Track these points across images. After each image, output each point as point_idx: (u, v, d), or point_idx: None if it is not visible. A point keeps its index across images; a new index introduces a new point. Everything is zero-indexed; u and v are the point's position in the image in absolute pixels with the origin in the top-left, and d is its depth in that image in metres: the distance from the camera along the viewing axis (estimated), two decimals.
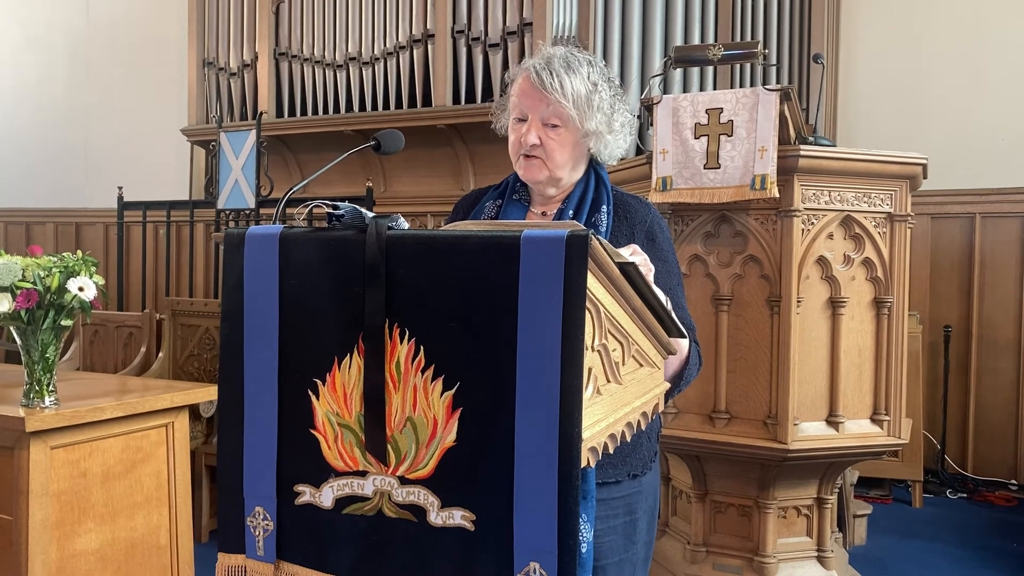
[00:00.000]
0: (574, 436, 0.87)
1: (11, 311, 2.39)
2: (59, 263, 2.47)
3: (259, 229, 1.03)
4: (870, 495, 4.64)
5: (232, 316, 1.05)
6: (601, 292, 0.94)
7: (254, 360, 1.02)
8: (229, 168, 4.72)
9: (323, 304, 0.98)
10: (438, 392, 0.93)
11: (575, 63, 1.45)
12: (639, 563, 1.52)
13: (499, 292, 0.90)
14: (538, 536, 0.87)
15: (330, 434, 0.99)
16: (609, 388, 1.01)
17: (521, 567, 0.88)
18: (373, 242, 0.95)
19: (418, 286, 0.94)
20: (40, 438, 2.46)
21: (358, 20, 5.27)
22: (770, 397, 2.81)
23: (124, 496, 2.76)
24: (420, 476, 0.94)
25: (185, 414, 2.97)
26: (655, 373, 1.18)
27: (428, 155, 5.13)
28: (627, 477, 1.49)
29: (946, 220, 5.18)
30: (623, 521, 1.48)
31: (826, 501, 3.06)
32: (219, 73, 5.83)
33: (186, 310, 4.29)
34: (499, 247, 0.90)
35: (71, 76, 7.20)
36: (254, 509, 1.03)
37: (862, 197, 2.82)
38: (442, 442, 0.93)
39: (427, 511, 0.94)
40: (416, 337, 0.94)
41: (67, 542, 2.58)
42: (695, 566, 3.08)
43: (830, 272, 2.81)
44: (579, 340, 0.87)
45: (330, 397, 0.98)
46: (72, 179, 7.24)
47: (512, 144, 1.47)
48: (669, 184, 2.75)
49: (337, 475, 0.98)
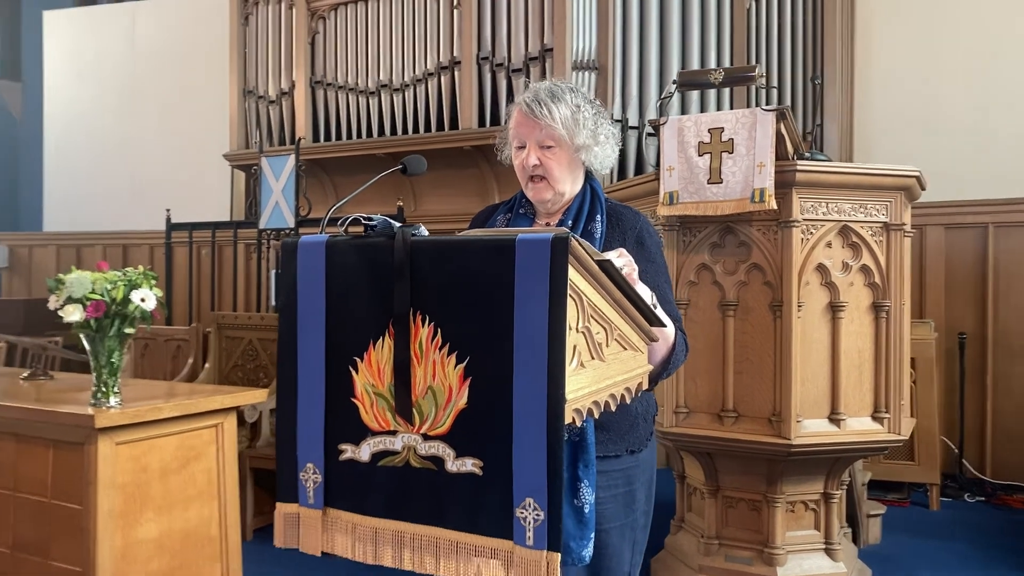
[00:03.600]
0: (559, 398, 1.10)
1: (82, 320, 2.67)
2: (123, 277, 2.75)
3: (309, 238, 1.27)
4: (888, 498, 4.76)
5: (288, 309, 1.29)
6: (583, 283, 1.17)
7: (306, 344, 1.26)
8: (270, 190, 5.02)
9: (360, 297, 1.22)
10: (452, 365, 1.16)
11: (558, 91, 1.69)
12: (639, 528, 1.74)
13: (499, 284, 1.13)
14: (532, 477, 1.10)
15: (367, 401, 1.22)
16: (593, 364, 1.23)
17: (519, 501, 1.11)
18: (400, 246, 1.19)
19: (436, 280, 1.17)
20: (107, 434, 2.73)
21: (389, 49, 5.57)
22: (774, 396, 2.99)
23: (179, 490, 3.02)
24: (439, 433, 1.17)
25: (233, 416, 3.23)
26: (638, 356, 1.40)
27: (455, 175, 5.39)
28: (626, 452, 1.71)
29: (960, 230, 5.31)
30: (623, 491, 1.70)
31: (832, 496, 3.22)
32: (259, 101, 6.16)
33: (230, 323, 4.58)
34: (499, 248, 1.13)
35: (119, 105, 7.60)
36: (305, 465, 1.26)
37: (858, 208, 3.01)
38: (456, 405, 1.16)
39: (445, 461, 1.16)
40: (435, 321, 1.17)
41: (130, 530, 2.84)
42: (708, 558, 3.26)
43: (829, 278, 3.00)
44: (562, 322, 1.10)
45: (367, 371, 1.22)
46: (119, 203, 7.62)
47: (518, 168, 1.72)
48: (676, 198, 2.97)
49: (373, 434, 1.22)
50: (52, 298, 2.70)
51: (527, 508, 1.10)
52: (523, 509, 1.10)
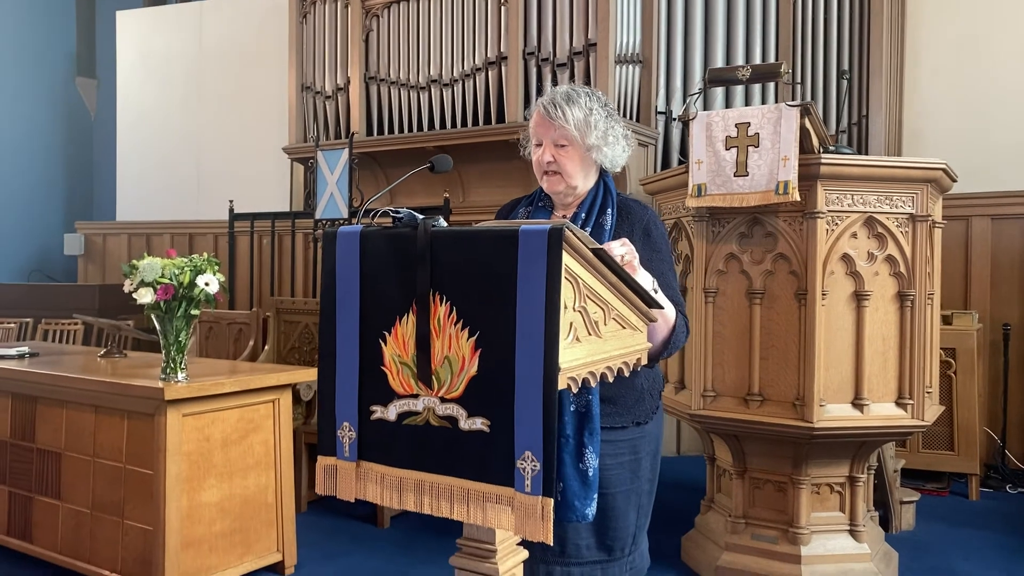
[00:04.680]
0: (554, 367, 1.27)
1: (153, 302, 2.94)
2: (189, 263, 3.01)
3: (346, 228, 1.47)
4: (927, 487, 4.80)
5: (327, 290, 1.49)
6: (578, 268, 1.34)
7: (343, 320, 1.46)
8: (325, 183, 5.28)
9: (388, 279, 1.41)
10: (465, 338, 1.34)
11: (574, 96, 1.86)
12: (644, 494, 1.91)
13: (505, 268, 1.30)
14: (530, 433, 1.28)
15: (394, 369, 1.41)
16: (589, 339, 1.40)
17: (520, 454, 1.29)
18: (422, 235, 1.38)
19: (452, 265, 1.36)
20: (175, 406, 3.00)
21: (438, 46, 5.77)
22: (799, 381, 3.11)
23: (239, 459, 3.28)
24: (454, 396, 1.36)
25: (289, 393, 3.48)
26: (636, 335, 1.57)
27: (502, 167, 5.57)
28: (632, 424, 1.87)
29: (1007, 221, 5.29)
30: (628, 459, 1.87)
31: (858, 480, 3.32)
32: (316, 96, 6.44)
33: (288, 308, 4.86)
34: (505, 237, 1.31)
35: (185, 101, 7.99)
36: (342, 424, 1.47)
37: (884, 199, 3.10)
38: (468, 372, 1.34)
39: (458, 420, 1.35)
40: (451, 300, 1.36)
41: (195, 494, 3.12)
42: (735, 536, 3.40)
43: (854, 268, 3.10)
44: (557, 301, 1.27)
45: (394, 343, 1.41)
46: (186, 194, 8.01)
47: (535, 164, 1.90)
48: (704, 191, 3.10)
49: (399, 398, 1.41)
50: (127, 282, 2.98)
51: (526, 460, 1.28)
52: (523, 461, 1.28)
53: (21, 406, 3.51)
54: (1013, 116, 5.37)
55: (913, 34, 5.80)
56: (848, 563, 3.26)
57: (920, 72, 5.76)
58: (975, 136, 5.48)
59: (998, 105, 5.43)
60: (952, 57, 5.62)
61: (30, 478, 3.47)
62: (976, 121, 5.49)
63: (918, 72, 5.77)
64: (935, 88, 5.69)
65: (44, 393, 3.41)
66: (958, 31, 5.60)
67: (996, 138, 5.40)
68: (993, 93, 5.45)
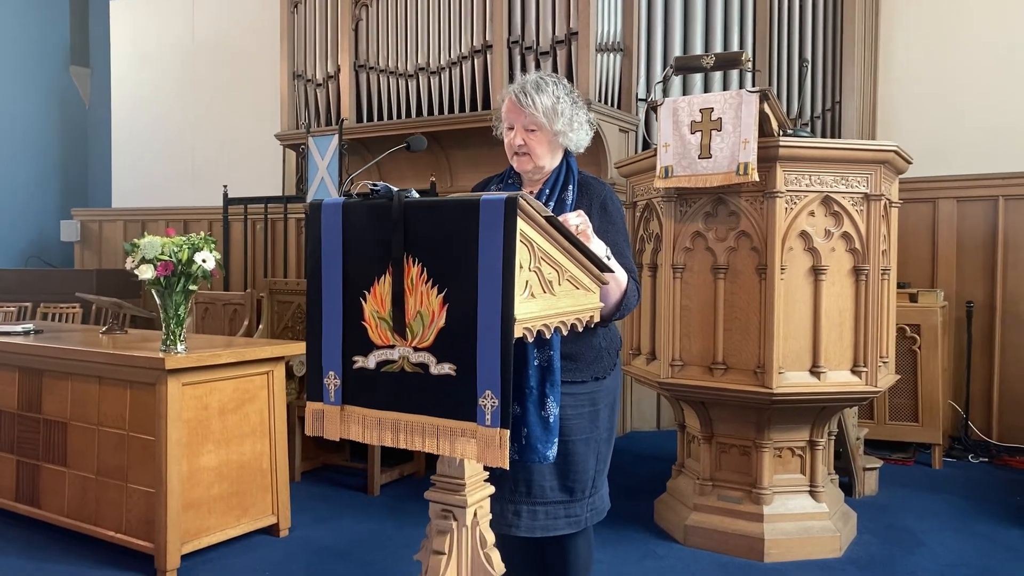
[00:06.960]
0: (510, 318, 1.47)
1: (154, 278, 3.13)
2: (187, 241, 3.20)
3: (330, 200, 1.67)
4: (892, 457, 5.03)
5: (313, 255, 1.69)
6: (532, 233, 1.54)
7: (328, 282, 1.66)
8: (316, 168, 5.47)
9: (367, 244, 1.61)
10: (435, 295, 1.54)
11: (543, 84, 2.05)
12: (602, 442, 2.12)
13: (469, 233, 1.50)
14: (489, 375, 1.48)
15: (373, 323, 1.61)
16: (544, 296, 1.60)
17: (481, 393, 1.49)
18: (397, 205, 1.57)
19: (423, 231, 1.56)
20: (175, 376, 3.20)
21: (426, 35, 5.95)
22: (759, 350, 3.32)
23: (235, 427, 3.48)
24: (425, 346, 1.56)
25: (282, 366, 3.68)
26: (589, 295, 1.77)
27: (488, 152, 5.74)
28: (591, 379, 2.08)
29: (971, 203, 5.51)
30: (588, 411, 2.08)
31: (817, 444, 3.54)
32: (307, 84, 6.61)
33: (281, 289, 5.05)
34: (469, 206, 1.51)
35: (179, 89, 8.14)
36: (328, 373, 1.67)
37: (840, 180, 3.30)
38: (437, 324, 1.54)
39: (429, 366, 1.55)
40: (422, 262, 1.55)
41: (194, 459, 3.31)
42: (703, 497, 3.62)
43: (811, 244, 3.31)
44: (513, 261, 1.47)
45: (373, 301, 1.61)
46: (181, 181, 8.18)
47: (507, 145, 2.10)
48: (670, 172, 3.30)
49: (377, 348, 1.61)
50: (128, 259, 3.17)
51: (486, 398, 1.49)
52: (483, 399, 1.49)
53: (28, 379, 3.70)
54: (981, 103, 5.58)
55: (887, 23, 6.00)
56: (808, 521, 3.49)
57: (893, 61, 5.96)
58: (945, 123, 5.70)
59: (967, 93, 5.64)
60: (923, 47, 5.82)
61: (37, 447, 3.67)
62: (946, 108, 5.70)
63: (891, 61, 5.97)
64: (907, 76, 5.89)
65: (50, 367, 3.60)
66: (930, 21, 5.80)
67: (965, 124, 5.61)
68: (964, 82, 5.66)
